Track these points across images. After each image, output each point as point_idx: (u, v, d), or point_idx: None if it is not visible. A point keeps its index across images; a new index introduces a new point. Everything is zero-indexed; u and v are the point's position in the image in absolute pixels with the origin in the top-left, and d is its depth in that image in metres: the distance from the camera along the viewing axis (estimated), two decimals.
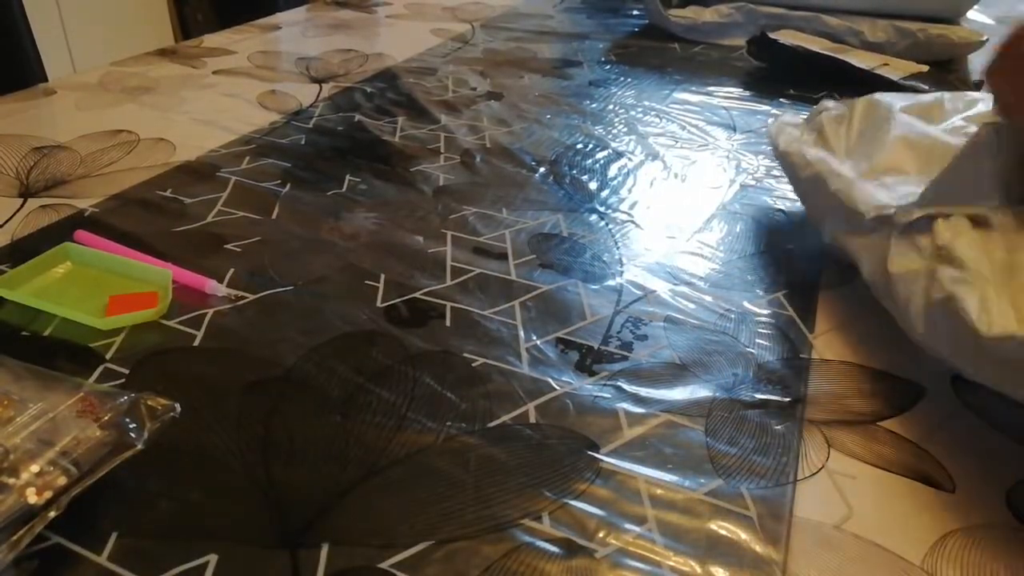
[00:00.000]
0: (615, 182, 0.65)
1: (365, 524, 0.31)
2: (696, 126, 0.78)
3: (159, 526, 0.31)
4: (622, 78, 0.94)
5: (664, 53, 1.07)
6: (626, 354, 0.43)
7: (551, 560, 0.30)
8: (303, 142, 0.70)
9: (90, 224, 0.53)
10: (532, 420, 0.37)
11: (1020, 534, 0.32)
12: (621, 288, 0.49)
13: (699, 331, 0.45)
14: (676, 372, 0.41)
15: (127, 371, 0.40)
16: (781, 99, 0.88)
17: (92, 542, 0.30)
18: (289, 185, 0.61)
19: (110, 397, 0.34)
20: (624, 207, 0.60)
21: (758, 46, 0.99)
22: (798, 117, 0.60)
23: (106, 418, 0.32)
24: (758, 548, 0.31)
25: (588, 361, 0.42)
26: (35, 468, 0.29)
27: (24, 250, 0.50)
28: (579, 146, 0.72)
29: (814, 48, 0.98)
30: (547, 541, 0.31)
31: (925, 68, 0.94)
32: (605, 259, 0.52)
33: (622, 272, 0.51)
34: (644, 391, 0.40)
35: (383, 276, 0.49)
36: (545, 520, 0.32)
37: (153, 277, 0.47)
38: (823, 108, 0.58)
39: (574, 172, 0.66)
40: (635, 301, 0.48)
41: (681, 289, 0.49)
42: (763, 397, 0.40)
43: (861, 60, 0.95)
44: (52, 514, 0.28)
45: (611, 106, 0.84)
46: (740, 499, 0.33)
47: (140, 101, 0.79)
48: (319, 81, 0.89)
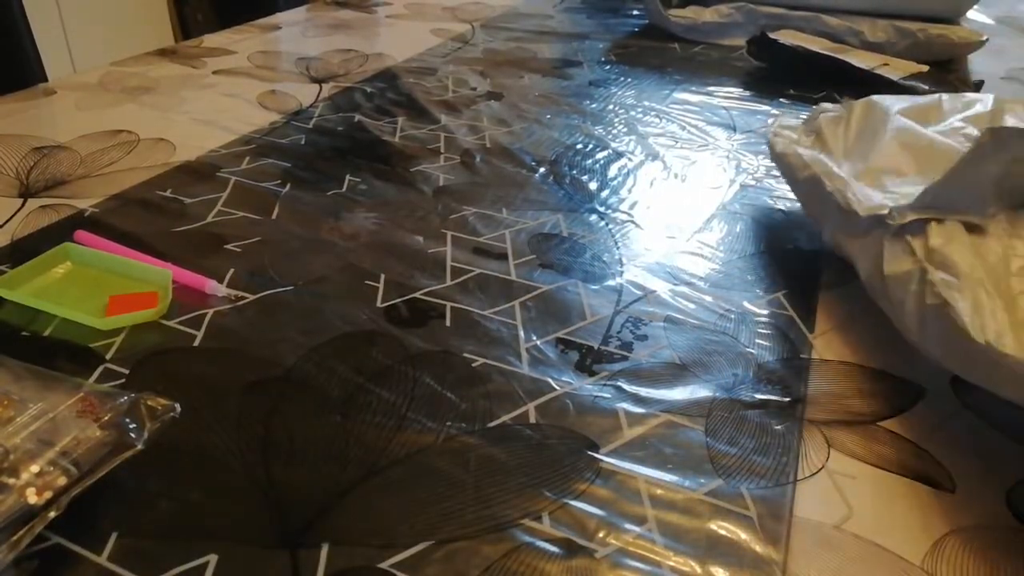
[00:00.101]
0: (615, 182, 0.65)
1: (365, 524, 0.31)
2: (696, 126, 0.78)
3: (159, 526, 0.31)
4: (622, 78, 0.94)
5: (664, 53, 1.07)
6: (626, 354, 0.43)
7: (551, 560, 0.30)
8: (303, 142, 0.70)
9: (90, 224, 0.53)
10: (532, 420, 0.37)
11: (1020, 534, 0.32)
12: (621, 288, 0.49)
13: (699, 331, 0.45)
14: (676, 372, 0.41)
15: (127, 371, 0.40)
16: (781, 99, 0.88)
17: (92, 542, 0.30)
18: (289, 185, 0.61)
19: (110, 397, 0.34)
20: (624, 207, 0.60)
21: (758, 46, 0.99)
22: (796, 120, 0.60)
23: (106, 418, 0.32)
24: (758, 548, 0.31)
25: (588, 361, 0.42)
26: (35, 468, 0.29)
27: (24, 250, 0.50)
28: (579, 146, 0.72)
29: (814, 48, 0.98)
30: (547, 541, 0.31)
31: (925, 68, 0.94)
32: (605, 259, 0.52)
33: (622, 272, 0.51)
34: (644, 391, 0.40)
35: (383, 276, 0.49)
36: (545, 520, 0.32)
37: (153, 277, 0.47)
38: (821, 110, 0.58)
39: (574, 172, 0.66)
40: (635, 301, 0.48)
41: (681, 289, 0.49)
42: (763, 397, 0.40)
43: (861, 60, 0.95)
44: (52, 514, 0.28)
45: (611, 106, 0.84)
46: (740, 499, 0.33)
47: (140, 101, 0.79)
48: (319, 81, 0.89)
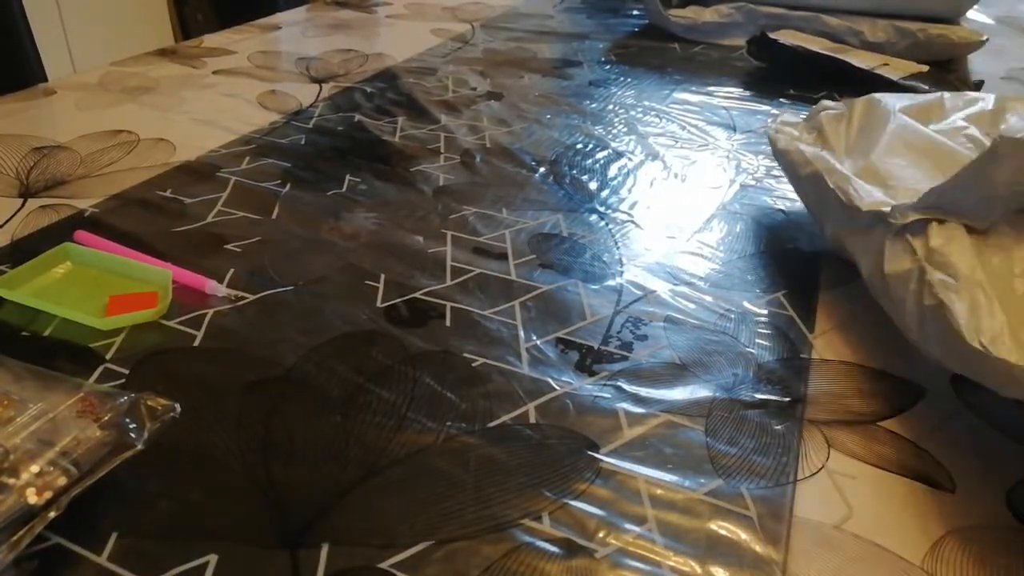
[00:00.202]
0: (615, 182, 0.65)
1: (365, 524, 0.31)
2: (696, 126, 0.78)
3: (159, 526, 0.31)
4: (622, 78, 0.94)
5: (664, 53, 1.07)
6: (626, 354, 0.43)
7: (551, 560, 0.30)
8: (303, 142, 0.70)
9: (90, 224, 0.53)
10: (532, 420, 0.37)
11: (1020, 534, 0.32)
12: (621, 288, 0.49)
13: (699, 331, 0.45)
14: (676, 372, 0.41)
15: (127, 371, 0.40)
16: (781, 99, 0.88)
17: (92, 542, 0.30)
18: (289, 185, 0.61)
19: (110, 397, 0.34)
20: (624, 207, 0.60)
21: (758, 46, 0.99)
22: (797, 117, 0.60)
23: (106, 418, 0.32)
24: (758, 548, 0.31)
25: (588, 361, 0.42)
26: (35, 468, 0.29)
27: (24, 250, 0.50)
28: (579, 146, 0.72)
29: (814, 48, 0.98)
30: (547, 541, 0.31)
31: (925, 68, 0.94)
32: (605, 259, 0.52)
33: (622, 272, 0.51)
34: (644, 391, 0.40)
35: (383, 276, 0.49)
36: (545, 520, 0.32)
37: (153, 277, 0.47)
38: (822, 107, 0.58)
39: (574, 172, 0.66)
40: (635, 301, 0.48)
41: (681, 289, 0.49)
42: (763, 397, 0.40)
43: (861, 60, 0.95)
44: (52, 514, 0.28)
45: (611, 106, 0.84)
46: (740, 499, 0.33)
47: (140, 101, 0.79)
48: (319, 81, 0.89)
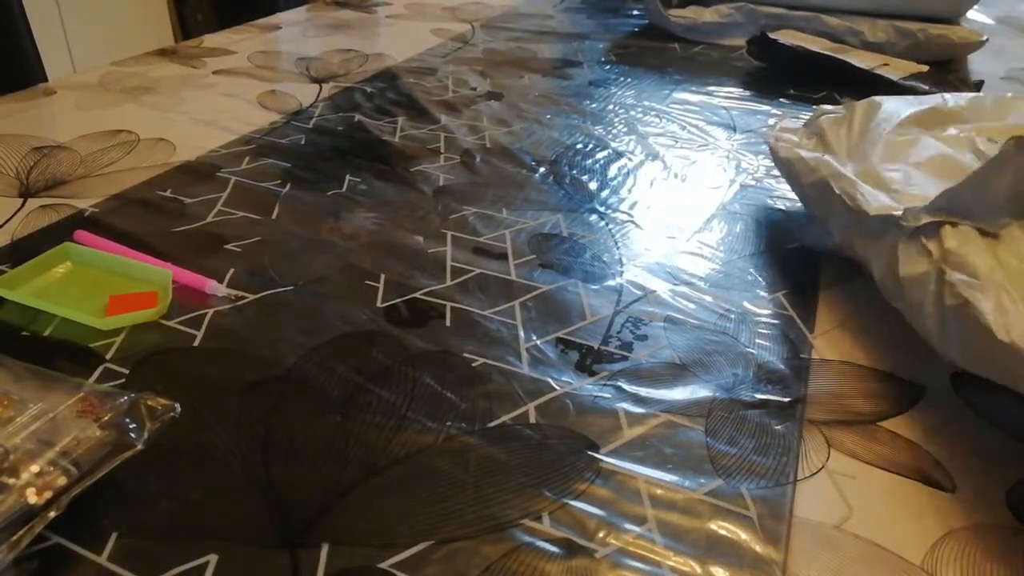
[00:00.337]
0: (615, 182, 0.65)
1: (365, 524, 0.31)
2: (696, 126, 0.78)
3: (159, 526, 0.31)
4: (622, 78, 0.94)
5: (664, 53, 1.07)
6: (626, 354, 0.43)
7: (551, 560, 0.30)
8: (303, 142, 0.70)
9: (90, 224, 0.53)
10: (532, 420, 0.37)
11: (1020, 534, 0.32)
12: (621, 288, 0.49)
13: (699, 331, 0.45)
14: (676, 372, 0.41)
15: (127, 371, 0.40)
16: (781, 99, 0.88)
17: (92, 542, 0.30)
18: (289, 185, 0.61)
19: (110, 397, 0.34)
20: (624, 207, 0.60)
21: (758, 46, 0.99)
22: (795, 123, 0.60)
23: (106, 418, 0.32)
24: (758, 548, 0.31)
25: (588, 361, 0.42)
26: (35, 468, 0.29)
27: (24, 250, 0.50)
28: (579, 146, 0.72)
29: (814, 48, 0.98)
30: (547, 541, 0.31)
31: (925, 68, 0.94)
32: (605, 259, 0.52)
33: (622, 272, 0.51)
34: (644, 391, 0.40)
35: (383, 276, 0.49)
36: (545, 520, 0.32)
37: (153, 277, 0.47)
38: (822, 112, 0.58)
39: (574, 172, 0.66)
40: (635, 301, 0.48)
41: (681, 289, 0.49)
42: (763, 397, 0.40)
43: (861, 60, 0.95)
44: (52, 514, 0.28)
45: (611, 106, 0.84)
46: (740, 499, 0.33)
47: (140, 101, 0.79)
48: (319, 81, 0.89)
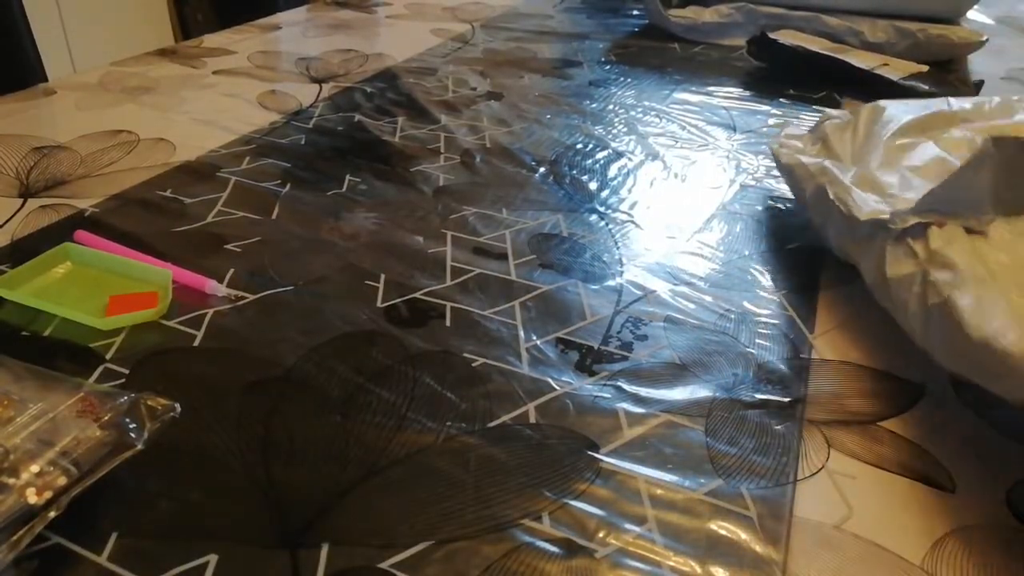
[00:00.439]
0: (615, 182, 0.65)
1: (365, 524, 0.31)
2: (696, 126, 0.78)
3: (159, 526, 0.31)
4: (622, 78, 0.94)
5: (664, 53, 1.07)
6: (626, 354, 0.43)
7: (551, 560, 0.30)
8: (303, 142, 0.70)
9: (90, 224, 0.53)
10: (532, 420, 0.37)
11: (1020, 534, 0.32)
12: (621, 288, 0.49)
13: (699, 331, 0.45)
14: (676, 372, 0.41)
15: (127, 371, 0.40)
16: (781, 99, 0.88)
17: (92, 542, 0.30)
18: (289, 185, 0.61)
19: (110, 397, 0.34)
20: (624, 207, 0.60)
21: (758, 46, 0.99)
22: (800, 129, 0.60)
23: (106, 418, 0.32)
24: (758, 548, 0.31)
25: (588, 361, 0.42)
26: (35, 468, 0.29)
27: (24, 250, 0.50)
28: (579, 146, 0.72)
29: (814, 48, 0.98)
30: (547, 541, 0.31)
31: (925, 68, 0.94)
32: (605, 259, 0.52)
33: (622, 272, 0.51)
34: (644, 391, 0.40)
35: (383, 276, 0.49)
36: (545, 520, 0.32)
37: (153, 277, 0.47)
38: (827, 117, 0.58)
39: (574, 172, 0.66)
40: (635, 301, 0.48)
41: (681, 289, 0.49)
42: (763, 397, 0.40)
43: (861, 60, 0.95)
44: (52, 514, 0.28)
45: (611, 106, 0.84)
46: (740, 499, 0.33)
47: (140, 101, 0.79)
48: (319, 81, 0.88)
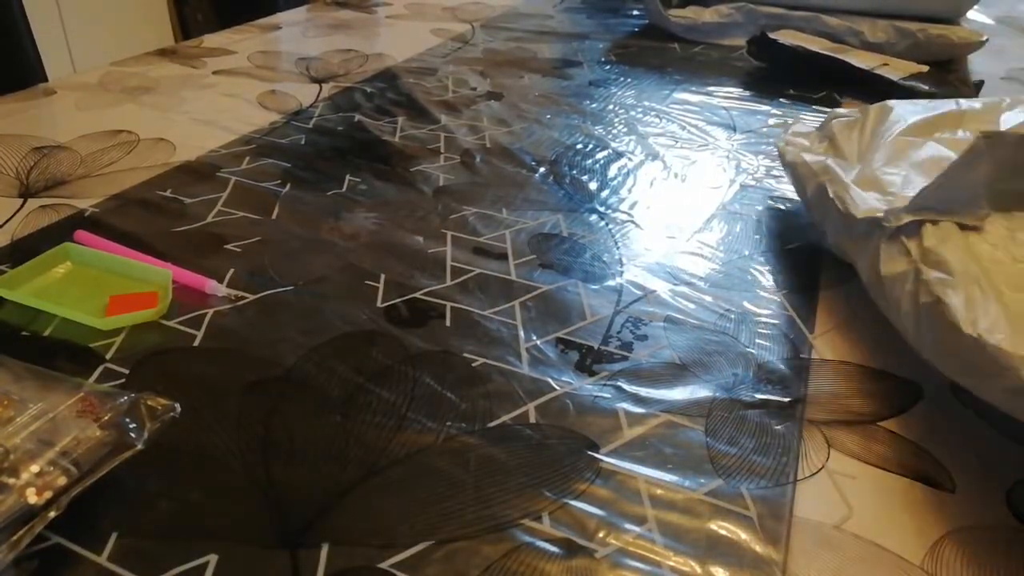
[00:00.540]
0: (615, 182, 0.65)
1: (365, 524, 0.31)
2: (696, 126, 0.78)
3: (159, 526, 0.31)
4: (622, 78, 0.94)
5: (664, 53, 1.07)
6: (626, 354, 0.43)
7: (551, 560, 0.30)
8: (303, 142, 0.70)
9: (90, 224, 0.53)
10: (532, 420, 0.37)
11: (1020, 534, 0.32)
12: (621, 288, 0.49)
13: (699, 331, 0.45)
14: (676, 372, 0.41)
15: (127, 371, 0.40)
16: (781, 99, 0.88)
17: (92, 542, 0.30)
18: (289, 185, 0.61)
19: (110, 397, 0.34)
20: (624, 207, 0.60)
21: (758, 46, 0.99)
22: (807, 126, 0.60)
23: (106, 418, 0.32)
24: (758, 548, 0.31)
25: (588, 361, 0.42)
26: (35, 468, 0.29)
27: (24, 250, 0.50)
28: (579, 146, 0.72)
29: (814, 48, 0.98)
30: (547, 541, 0.31)
31: (925, 68, 0.94)
32: (605, 259, 0.52)
33: (622, 272, 0.51)
34: (644, 391, 0.40)
35: (383, 276, 0.49)
36: (545, 520, 0.32)
37: (153, 277, 0.47)
38: (834, 115, 0.58)
39: (574, 172, 0.66)
40: (635, 301, 0.48)
41: (681, 289, 0.49)
42: (763, 397, 0.40)
43: (861, 60, 0.95)
44: (52, 514, 0.28)
45: (611, 106, 0.84)
46: (740, 499, 0.33)
47: (140, 101, 0.79)
48: (319, 81, 0.88)
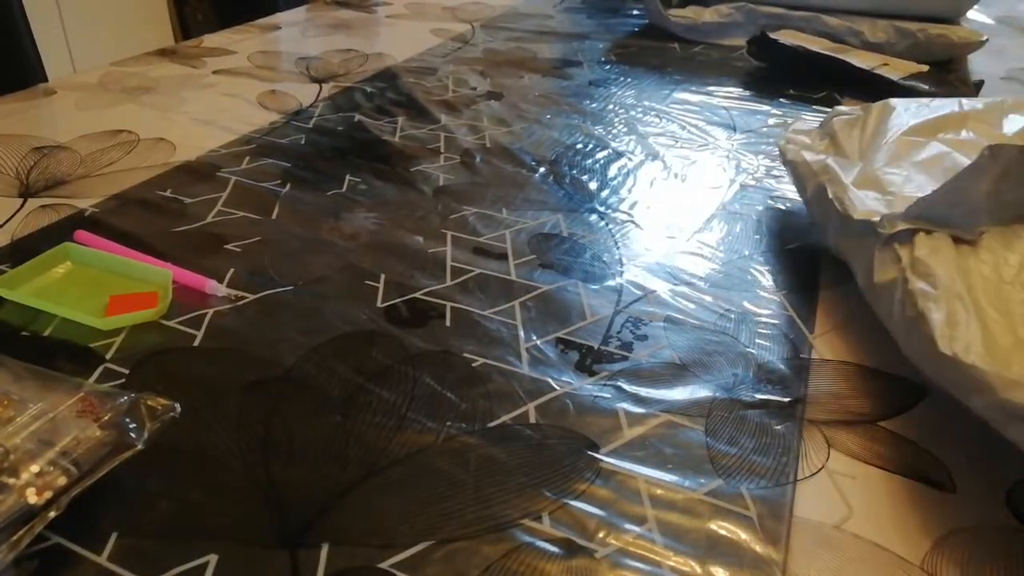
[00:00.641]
0: (615, 182, 0.65)
1: (365, 524, 0.31)
2: (696, 126, 0.78)
3: (159, 526, 0.31)
4: (622, 78, 0.94)
5: (664, 53, 1.07)
6: (626, 354, 0.43)
7: (551, 560, 0.30)
8: (303, 142, 0.70)
9: (90, 224, 0.53)
10: (532, 420, 0.37)
11: (1020, 534, 0.32)
12: (621, 288, 0.49)
13: (699, 331, 0.45)
14: (676, 372, 0.41)
15: (127, 371, 0.40)
16: (781, 99, 0.88)
17: (92, 542, 0.30)
18: (289, 185, 0.61)
19: (110, 397, 0.34)
20: (624, 207, 0.60)
21: (758, 46, 0.99)
22: (809, 125, 0.59)
23: (106, 418, 0.32)
24: (758, 548, 0.31)
25: (588, 361, 0.42)
26: (35, 468, 0.29)
27: (24, 250, 0.50)
28: (579, 146, 0.72)
29: (814, 48, 0.98)
30: (547, 541, 0.31)
31: (925, 68, 0.94)
32: (605, 259, 0.52)
33: (622, 272, 0.51)
34: (644, 391, 0.40)
35: (383, 276, 0.49)
36: (545, 520, 0.32)
37: (153, 277, 0.47)
38: (836, 113, 0.58)
39: (574, 172, 0.66)
40: (635, 301, 0.48)
41: (681, 289, 0.49)
42: (763, 397, 0.40)
43: (861, 60, 0.95)
44: (52, 514, 0.28)
45: (611, 106, 0.84)
46: (740, 499, 0.33)
47: (140, 101, 0.79)
48: (319, 81, 0.89)
